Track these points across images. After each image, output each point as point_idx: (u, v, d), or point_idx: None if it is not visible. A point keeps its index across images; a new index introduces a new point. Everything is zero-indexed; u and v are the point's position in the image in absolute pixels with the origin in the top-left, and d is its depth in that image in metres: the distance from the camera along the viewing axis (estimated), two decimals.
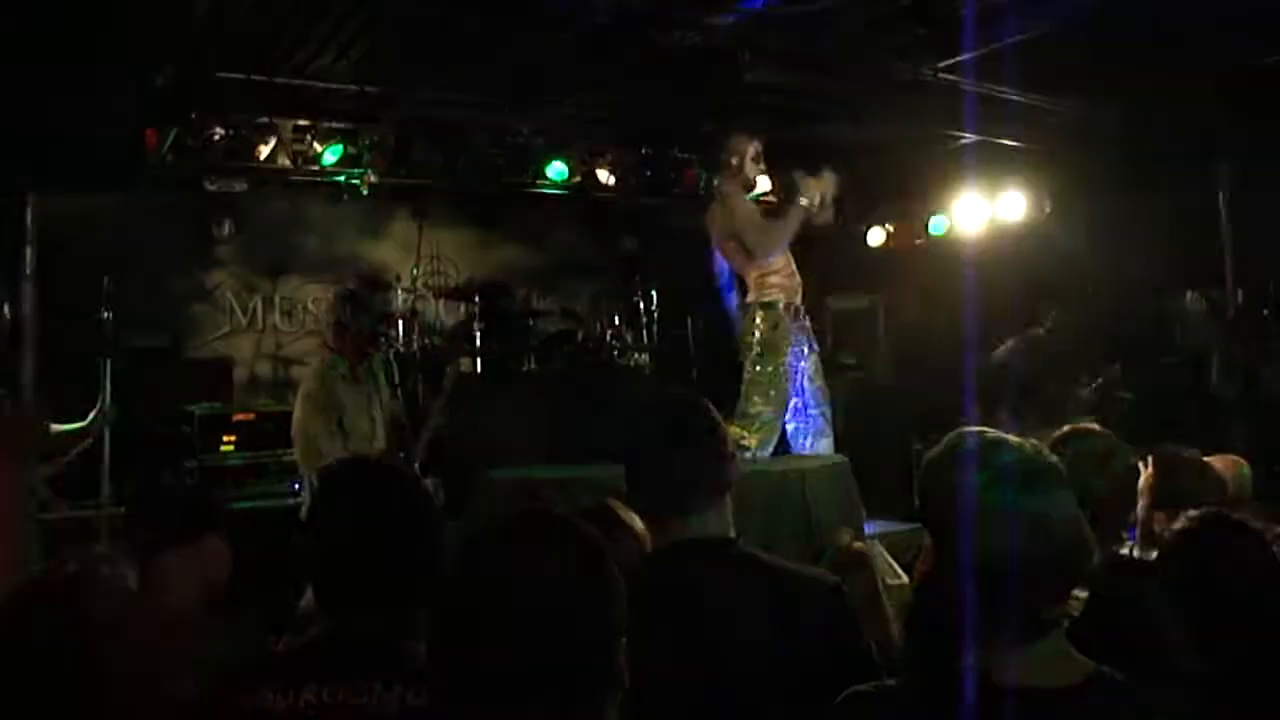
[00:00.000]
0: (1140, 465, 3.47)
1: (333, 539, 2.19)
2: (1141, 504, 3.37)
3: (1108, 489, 2.75)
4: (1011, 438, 1.84)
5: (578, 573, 1.54)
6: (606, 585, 1.56)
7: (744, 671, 2.13)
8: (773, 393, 6.33)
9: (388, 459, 5.43)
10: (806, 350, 6.61)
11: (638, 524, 2.57)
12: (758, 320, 6.45)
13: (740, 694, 2.12)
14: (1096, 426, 3.06)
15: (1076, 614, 1.79)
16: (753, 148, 6.65)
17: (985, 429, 1.87)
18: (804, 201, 6.44)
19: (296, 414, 5.74)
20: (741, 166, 6.65)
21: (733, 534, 2.39)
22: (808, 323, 6.72)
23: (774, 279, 6.49)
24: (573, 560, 1.55)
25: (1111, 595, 2.16)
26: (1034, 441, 1.86)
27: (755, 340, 6.44)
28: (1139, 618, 2.33)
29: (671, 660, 1.67)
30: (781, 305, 6.46)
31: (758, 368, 6.41)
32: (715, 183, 7.01)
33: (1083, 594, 1.79)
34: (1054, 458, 1.83)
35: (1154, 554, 3.12)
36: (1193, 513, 2.55)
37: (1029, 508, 1.75)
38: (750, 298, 6.55)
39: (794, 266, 6.64)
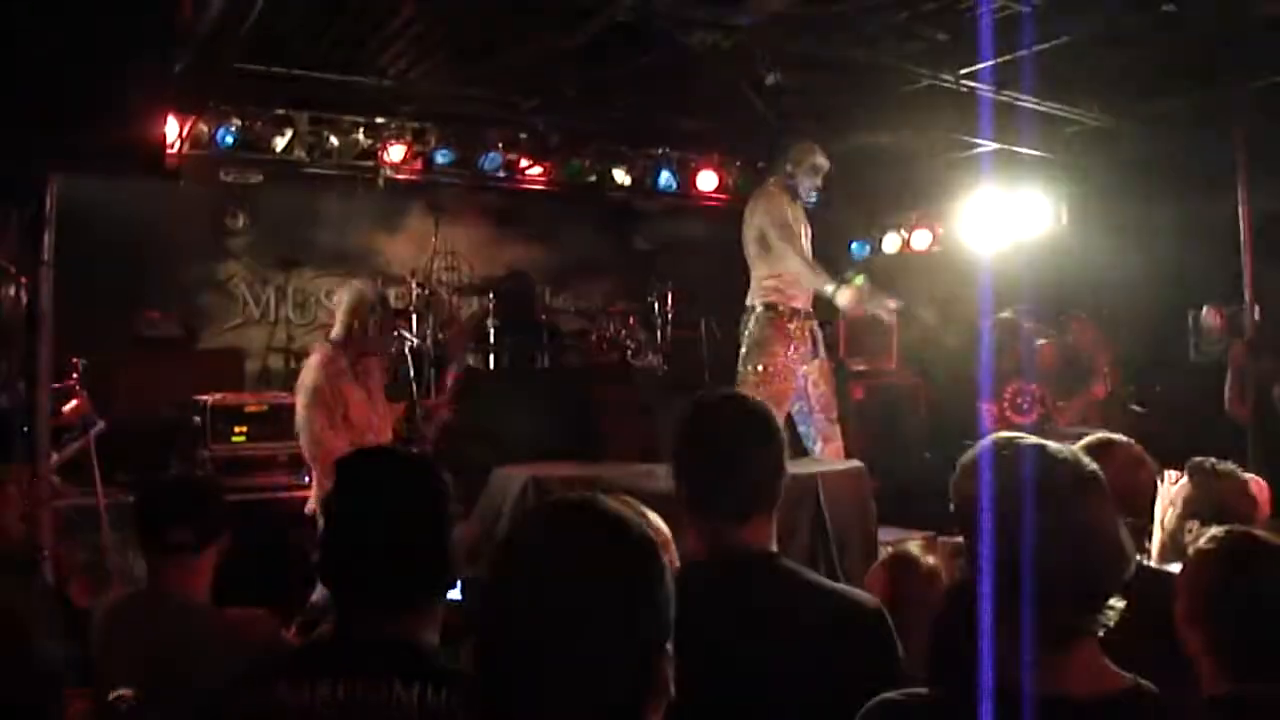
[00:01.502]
0: (1161, 476, 3.45)
1: (349, 533, 2.13)
2: (1173, 514, 3.35)
3: (1131, 497, 2.73)
4: (1050, 444, 1.81)
5: (624, 570, 1.46)
6: (653, 586, 1.47)
7: (774, 686, 2.11)
8: (761, 390, 6.40)
9: (407, 451, 5.44)
10: (811, 356, 6.68)
11: (661, 525, 2.53)
12: (750, 321, 6.66)
13: (775, 708, 2.09)
14: (1122, 437, 3.03)
15: (1112, 624, 1.76)
16: (812, 159, 6.77)
17: (1022, 435, 1.84)
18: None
19: (301, 408, 5.70)
20: (794, 173, 6.77)
21: (774, 547, 2.35)
22: (814, 328, 6.78)
23: (771, 282, 6.64)
24: (620, 557, 1.47)
25: (1145, 607, 2.13)
26: (1073, 448, 1.84)
27: (745, 340, 6.66)
28: (1171, 631, 2.31)
29: (701, 671, 1.61)
30: (777, 308, 6.56)
31: (746, 366, 6.65)
32: (770, 180, 7.10)
33: (1119, 604, 1.75)
34: (1093, 465, 1.81)
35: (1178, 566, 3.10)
36: (1219, 530, 2.52)
37: (1067, 515, 1.72)
38: (749, 299, 6.70)
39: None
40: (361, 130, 8.79)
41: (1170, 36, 6.38)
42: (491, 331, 8.97)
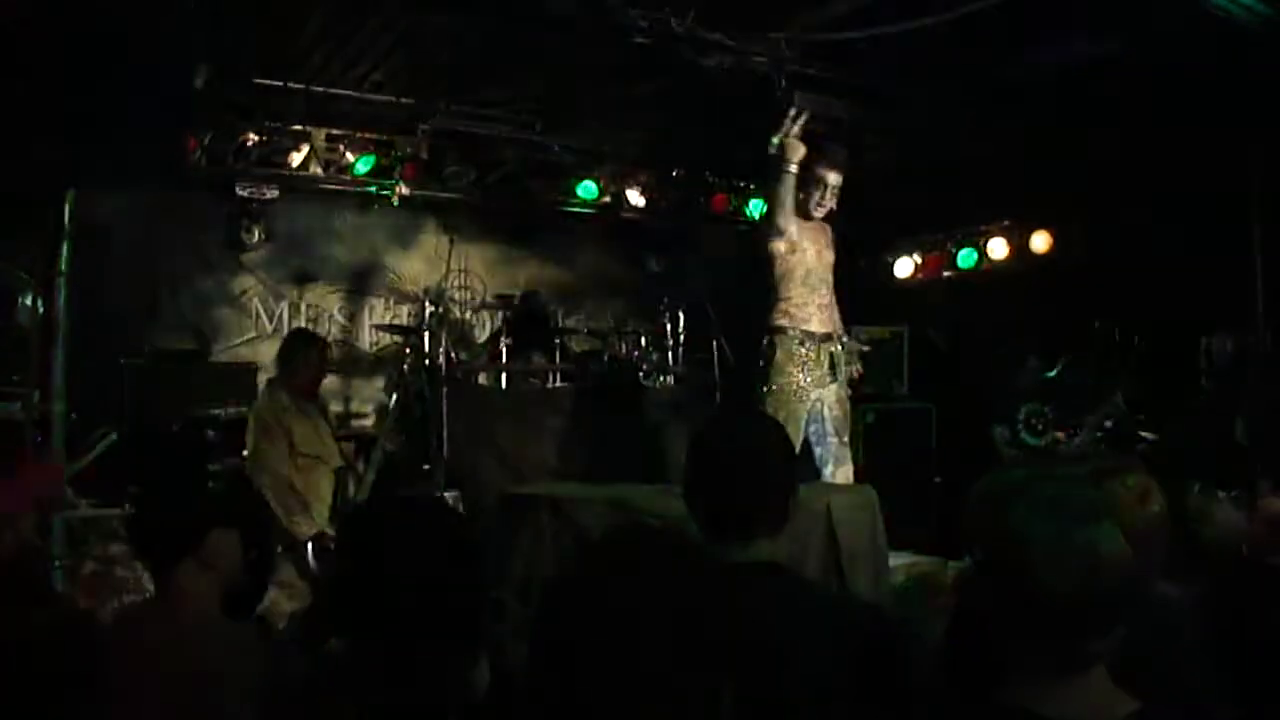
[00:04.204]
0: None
1: (390, 574, 2.08)
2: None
3: (1144, 527, 2.71)
4: (1059, 469, 1.82)
5: (700, 612, 1.45)
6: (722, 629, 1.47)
7: (789, 700, 2.10)
8: (782, 414, 6.41)
9: (435, 498, 5.61)
10: (826, 379, 6.66)
11: None
12: (764, 344, 6.66)
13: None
14: (1127, 465, 3.00)
15: (1120, 649, 1.76)
16: (814, 173, 6.73)
17: (1033, 460, 1.85)
18: (790, 168, 6.51)
19: (250, 438, 5.98)
20: (800, 190, 6.78)
21: (784, 562, 2.35)
22: (834, 352, 6.75)
23: (784, 306, 6.64)
24: (696, 599, 1.46)
25: (1152, 633, 2.12)
26: (1083, 474, 1.84)
27: (762, 363, 6.66)
28: (1178, 658, 2.30)
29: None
30: (787, 331, 6.57)
31: (763, 388, 6.62)
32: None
33: (1129, 628, 1.76)
34: (1102, 491, 1.81)
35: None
36: (1223, 557, 2.50)
37: (1075, 541, 1.73)
38: (767, 321, 6.73)
39: (819, 298, 6.69)
40: (377, 147, 8.84)
41: (1180, 56, 6.40)
42: (504, 351, 8.99)
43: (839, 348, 6.79)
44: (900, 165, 8.99)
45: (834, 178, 6.69)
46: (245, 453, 6.01)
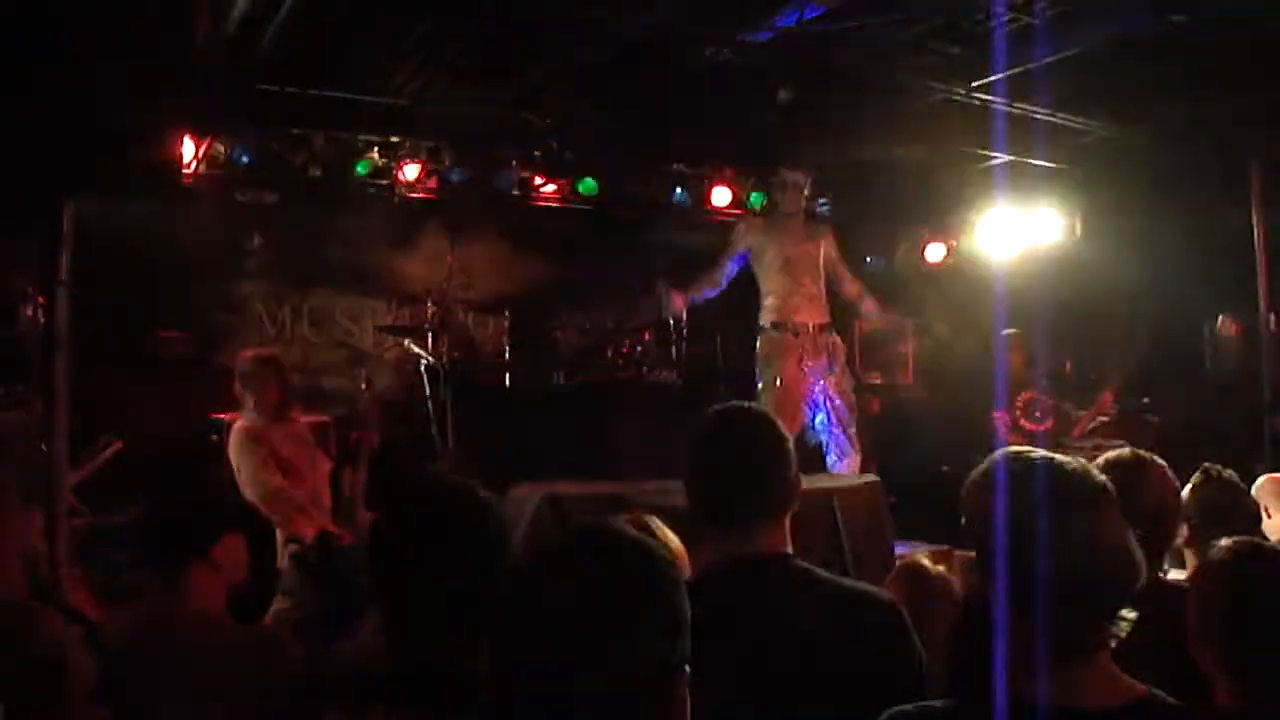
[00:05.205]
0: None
1: (410, 568, 2.10)
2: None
3: (1156, 513, 2.72)
4: (1060, 456, 1.82)
5: (641, 595, 1.45)
6: (672, 609, 1.45)
7: (797, 690, 2.10)
8: (776, 402, 6.47)
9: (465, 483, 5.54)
10: (825, 370, 6.71)
11: (675, 542, 2.52)
12: (759, 339, 6.93)
13: (792, 713, 2.09)
14: (1144, 452, 3.01)
15: (1124, 635, 1.76)
16: (778, 176, 6.83)
17: (1032, 449, 1.84)
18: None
19: (233, 456, 5.93)
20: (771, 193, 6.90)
21: (789, 550, 2.35)
22: (831, 341, 6.79)
23: (768, 301, 6.76)
24: (636, 582, 1.46)
25: (1158, 618, 2.12)
26: (1082, 461, 1.84)
27: (758, 357, 6.89)
28: (1182, 644, 2.29)
29: (723, 678, 1.61)
30: (779, 325, 6.65)
31: (761, 382, 6.86)
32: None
33: (1132, 615, 1.76)
34: (1102, 477, 1.81)
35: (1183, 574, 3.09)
36: (1226, 541, 2.49)
37: (1073, 528, 1.73)
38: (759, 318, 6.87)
39: (805, 288, 6.75)
40: (377, 149, 8.83)
41: (1181, 46, 6.38)
42: (506, 349, 8.98)
43: (836, 337, 6.85)
44: (898, 154, 8.99)
45: (792, 176, 6.82)
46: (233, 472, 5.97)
